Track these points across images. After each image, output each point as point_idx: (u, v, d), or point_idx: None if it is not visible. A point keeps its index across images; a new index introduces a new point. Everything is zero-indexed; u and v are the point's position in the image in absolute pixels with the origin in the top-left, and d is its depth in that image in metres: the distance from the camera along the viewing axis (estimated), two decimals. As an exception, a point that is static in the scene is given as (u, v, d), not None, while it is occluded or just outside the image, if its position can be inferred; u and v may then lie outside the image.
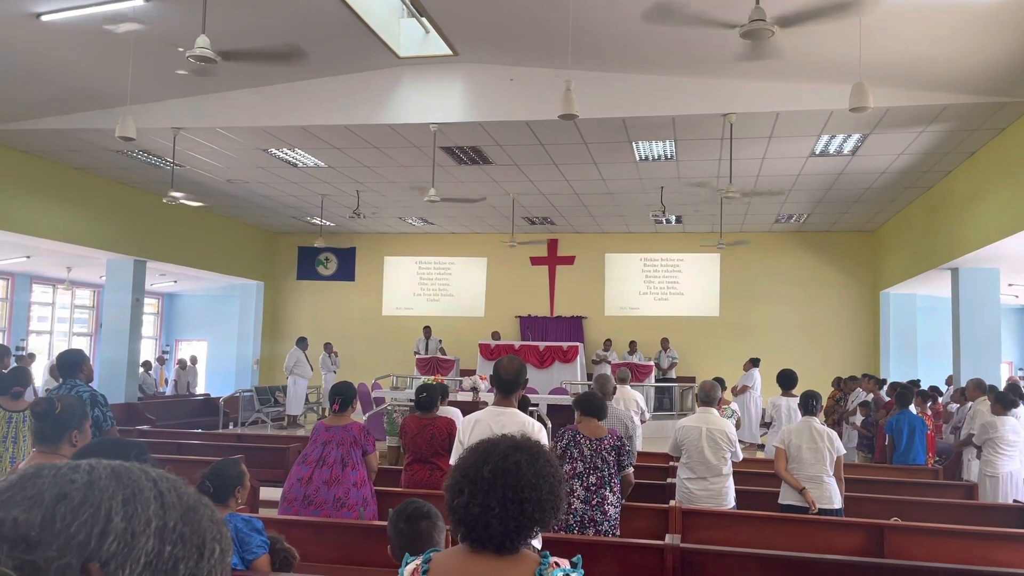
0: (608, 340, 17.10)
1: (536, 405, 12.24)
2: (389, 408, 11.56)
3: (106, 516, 0.68)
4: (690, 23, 7.57)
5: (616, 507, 4.97)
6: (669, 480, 6.74)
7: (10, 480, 0.70)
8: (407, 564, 1.81)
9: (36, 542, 0.65)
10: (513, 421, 3.85)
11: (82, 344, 19.32)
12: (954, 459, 8.79)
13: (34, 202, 12.29)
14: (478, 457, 1.84)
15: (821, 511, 5.66)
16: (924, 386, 11.78)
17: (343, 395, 5.40)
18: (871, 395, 11.13)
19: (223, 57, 6.79)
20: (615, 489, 4.97)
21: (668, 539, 4.28)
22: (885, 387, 11.19)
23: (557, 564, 1.74)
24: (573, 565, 1.76)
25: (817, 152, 10.93)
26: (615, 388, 7.63)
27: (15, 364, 7.43)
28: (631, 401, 8.77)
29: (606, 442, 5.00)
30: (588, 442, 4.99)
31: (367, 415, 12.33)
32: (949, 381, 13.32)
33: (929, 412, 9.81)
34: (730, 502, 5.89)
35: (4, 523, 0.65)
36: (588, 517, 4.85)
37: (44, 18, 7.71)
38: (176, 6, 7.55)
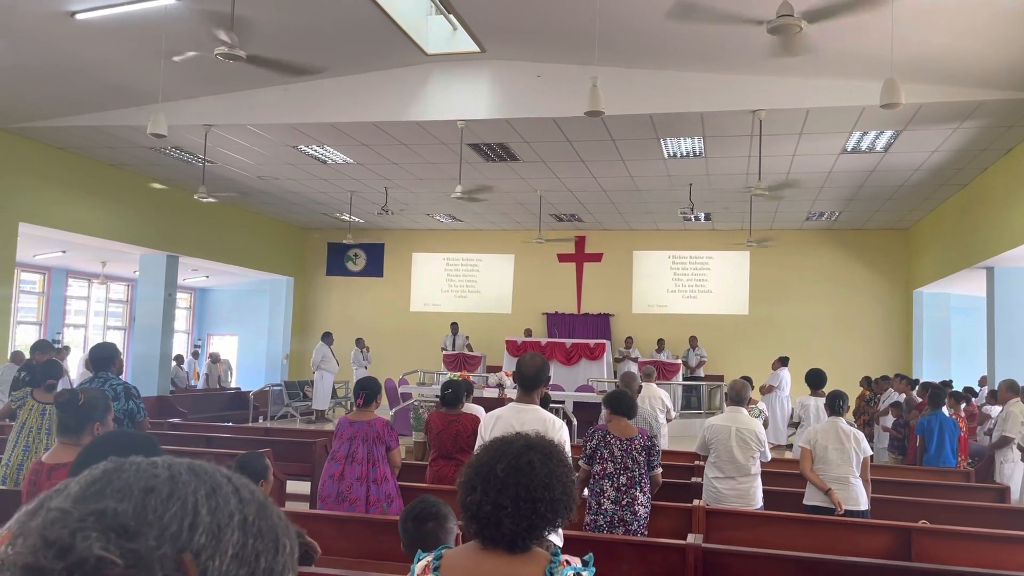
0: (629, 338, 17.03)
1: (562, 403, 12.25)
2: (416, 404, 11.63)
3: (194, 509, 0.69)
4: (717, 20, 7.50)
5: (646, 507, 4.94)
6: (694, 479, 6.70)
7: (94, 475, 0.71)
8: (419, 560, 1.82)
9: (136, 532, 0.66)
10: (534, 418, 3.86)
11: (116, 338, 19.65)
12: (986, 461, 8.63)
13: (70, 198, 12.52)
14: (492, 455, 1.84)
15: (847, 512, 5.59)
16: (957, 387, 11.58)
17: (367, 390, 5.42)
18: (903, 396, 10.97)
19: (252, 61, 6.86)
20: (645, 489, 4.94)
21: (690, 539, 4.25)
22: (917, 387, 11.03)
23: (568, 562, 1.74)
24: (584, 563, 1.76)
25: (849, 149, 10.78)
26: (641, 386, 7.60)
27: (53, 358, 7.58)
28: (656, 399, 8.71)
29: (636, 442, 4.96)
30: (619, 442, 4.95)
31: (394, 410, 12.41)
32: (983, 382, 13.09)
33: (962, 414, 9.64)
34: (758, 502, 5.84)
35: (106, 513, 0.66)
36: (618, 517, 4.82)
37: (79, 16, 7.85)
38: (206, 4, 7.64)
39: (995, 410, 10.30)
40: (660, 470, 5.07)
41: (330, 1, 7.80)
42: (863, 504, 5.72)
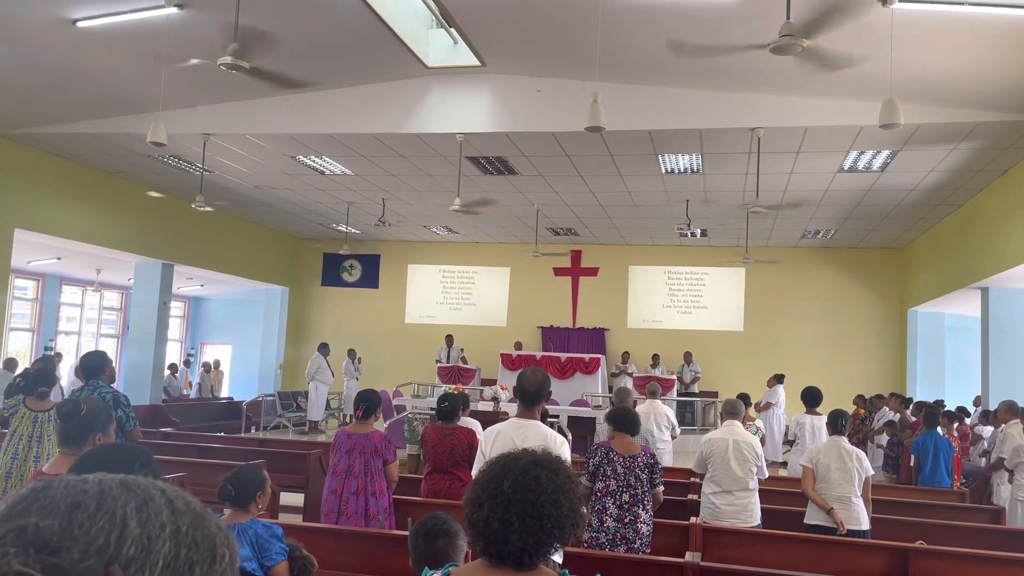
0: (626, 353, 17.02)
1: (556, 417, 12.22)
2: (410, 416, 11.59)
3: (122, 522, 0.70)
4: (720, 46, 7.55)
5: (648, 525, 4.91)
6: (691, 496, 6.68)
7: (21, 494, 0.72)
8: (426, 577, 1.81)
9: (58, 547, 0.66)
10: (535, 434, 3.84)
11: (109, 345, 19.56)
12: (982, 482, 8.63)
13: (66, 205, 12.49)
14: (498, 471, 1.83)
15: (849, 532, 5.57)
16: (950, 406, 11.60)
17: (368, 403, 5.38)
18: (897, 415, 10.98)
19: (254, 73, 6.86)
20: (648, 507, 4.90)
21: (688, 556, 4.23)
22: (911, 407, 11.04)
23: (576, 582, 1.73)
24: (592, 583, 1.75)
25: (846, 168, 10.83)
26: (636, 402, 7.58)
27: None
28: (661, 416, 8.68)
29: (639, 460, 4.93)
30: (621, 459, 4.92)
31: (388, 422, 12.36)
32: (977, 402, 13.12)
33: (955, 433, 9.64)
34: (756, 518, 5.82)
35: (26, 529, 0.67)
36: (620, 535, 4.78)
37: (80, 24, 7.85)
38: (208, 15, 7.65)
39: (987, 430, 10.32)
40: (662, 488, 5.05)
41: (331, 13, 7.83)
42: (864, 524, 5.70)
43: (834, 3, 6.71)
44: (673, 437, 8.80)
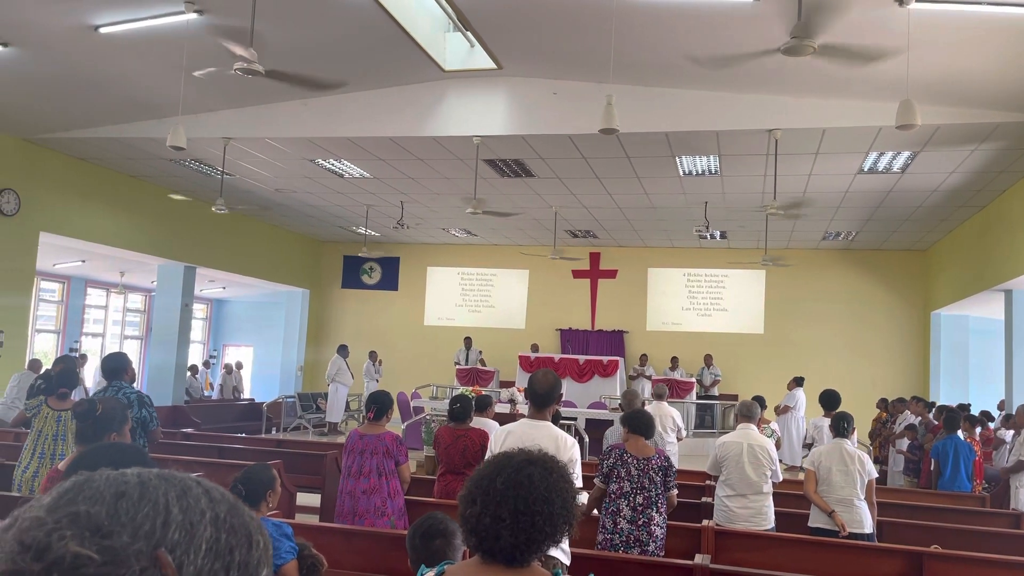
0: (644, 355, 16.97)
1: (574, 419, 12.22)
2: (428, 418, 11.64)
3: (165, 508, 0.74)
4: (735, 42, 7.53)
5: (662, 528, 4.89)
6: (704, 499, 6.66)
7: (65, 486, 0.76)
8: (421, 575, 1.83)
9: (110, 530, 0.70)
10: (546, 435, 3.85)
11: (133, 347, 19.82)
12: (1003, 487, 8.52)
13: (90, 208, 12.68)
14: (492, 469, 1.86)
15: (851, 535, 5.54)
16: (975, 410, 11.46)
17: (379, 404, 5.43)
18: (919, 418, 10.87)
19: (270, 76, 6.94)
20: (661, 510, 4.89)
21: (698, 559, 4.23)
22: (933, 410, 10.92)
23: (569, 580, 1.75)
24: (585, 582, 1.77)
25: (866, 169, 10.75)
26: (644, 403, 7.57)
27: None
28: (667, 418, 8.67)
29: (653, 462, 4.93)
30: (636, 462, 4.91)
31: (406, 424, 12.43)
32: (1001, 406, 12.94)
33: (977, 438, 9.52)
34: (770, 522, 5.80)
35: (79, 515, 0.71)
36: (634, 537, 4.77)
37: (102, 30, 7.98)
38: (227, 20, 7.75)
39: (1009, 434, 10.18)
40: (676, 491, 5.04)
41: (349, 18, 7.90)
42: (867, 527, 5.66)
43: (849, 4, 6.67)
44: (679, 439, 8.78)
